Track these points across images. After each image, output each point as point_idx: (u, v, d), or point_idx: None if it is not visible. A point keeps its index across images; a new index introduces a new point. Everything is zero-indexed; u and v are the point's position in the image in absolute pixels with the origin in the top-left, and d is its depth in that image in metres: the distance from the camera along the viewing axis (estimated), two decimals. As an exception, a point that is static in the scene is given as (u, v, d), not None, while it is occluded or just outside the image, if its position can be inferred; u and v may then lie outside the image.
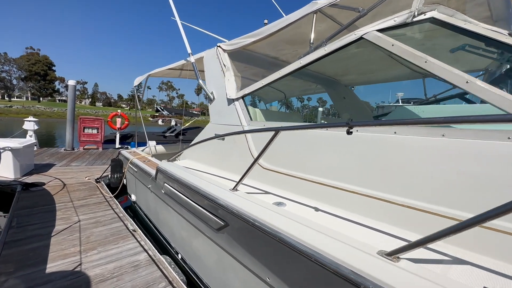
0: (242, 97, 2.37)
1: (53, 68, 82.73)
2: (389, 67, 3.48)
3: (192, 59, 2.93)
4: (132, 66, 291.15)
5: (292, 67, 1.99)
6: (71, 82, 8.58)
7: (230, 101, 2.44)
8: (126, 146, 10.33)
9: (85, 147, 9.02)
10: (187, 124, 12.08)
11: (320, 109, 14.57)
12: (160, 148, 5.64)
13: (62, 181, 5.20)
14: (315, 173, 1.61)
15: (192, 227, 2.46)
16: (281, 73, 2.04)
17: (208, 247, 2.24)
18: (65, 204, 4.04)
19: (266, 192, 1.81)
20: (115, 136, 10.01)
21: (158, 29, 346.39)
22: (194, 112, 17.23)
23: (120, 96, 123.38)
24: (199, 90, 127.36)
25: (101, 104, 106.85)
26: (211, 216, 1.88)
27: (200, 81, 2.80)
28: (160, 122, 10.75)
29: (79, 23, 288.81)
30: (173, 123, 11.04)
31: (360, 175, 1.40)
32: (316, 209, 1.47)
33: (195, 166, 2.66)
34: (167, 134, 11.05)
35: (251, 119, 2.27)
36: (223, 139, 2.44)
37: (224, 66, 2.66)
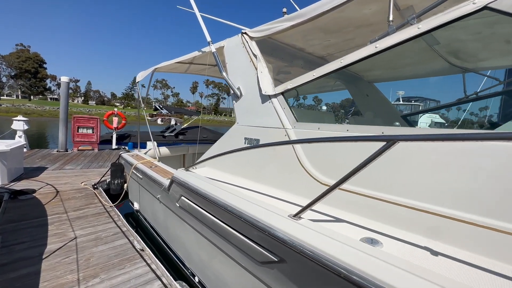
0: (283, 93, 1.92)
1: (44, 65, 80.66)
2: (427, 60, 3.08)
3: (212, 48, 2.47)
4: (127, 64, 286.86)
5: (361, 53, 1.53)
6: (64, 79, 7.99)
7: (265, 97, 1.99)
8: (123, 147, 9.78)
9: (79, 148, 8.45)
10: (186, 124, 11.58)
11: (324, 107, 14.22)
12: (164, 150, 5.15)
13: (55, 187, 4.68)
14: (417, 197, 1.18)
15: (217, 251, 2.01)
16: (344, 62, 1.59)
17: (241, 278, 1.79)
18: (59, 216, 3.53)
19: (338, 220, 1.35)
20: (112, 136, 9.44)
21: (154, 26, 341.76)
22: (189, 110, 16.71)
23: (113, 95, 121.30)
24: (194, 88, 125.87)
25: (94, 102, 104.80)
26: (258, 248, 1.44)
27: (224, 74, 2.34)
28: (159, 121, 10.21)
29: (71, 19, 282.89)
30: (172, 122, 10.52)
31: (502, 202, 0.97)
32: (434, 253, 1.03)
33: (217, 176, 2.20)
34: (166, 134, 10.51)
35: (296, 120, 1.82)
36: (257, 145, 1.98)
37: (254, 56, 2.20)
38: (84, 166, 6.53)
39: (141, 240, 3.01)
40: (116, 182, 4.42)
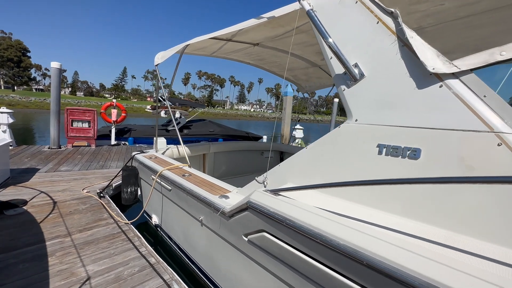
0: (473, 70, 1.13)
1: (28, 54, 76.52)
2: None
3: (305, 4, 1.61)
4: (115, 53, 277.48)
5: None
6: (54, 65, 6.89)
7: (429, 79, 1.17)
8: (123, 143, 8.81)
9: (74, 144, 7.44)
10: (191, 117, 10.64)
11: (336, 100, 13.44)
12: (182, 149, 4.27)
13: (50, 196, 3.77)
14: None
15: None
16: None
17: None
18: (60, 240, 2.67)
19: None
20: (110, 131, 8.42)
21: (145, 13, 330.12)
22: (194, 102, 15.67)
23: (102, 85, 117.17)
24: (186, 79, 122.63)
25: (82, 93, 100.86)
26: None
27: (330, 40, 1.49)
28: (162, 114, 9.25)
29: (56, 6, 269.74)
30: (177, 115, 9.56)
31: None
32: None
33: (331, 205, 1.39)
34: (170, 128, 9.55)
35: None
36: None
37: (389, 14, 1.38)
38: (83, 166, 5.59)
39: (180, 280, 2.20)
40: (129, 190, 3.56)
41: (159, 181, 2.87)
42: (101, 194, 3.95)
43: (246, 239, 1.74)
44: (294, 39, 2.95)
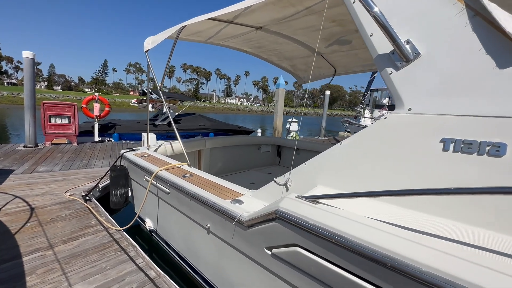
0: None
1: (-2, 45, 71.59)
2: None
3: None
4: (95, 45, 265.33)
5: None
6: (26, 54, 6.23)
7: None
8: (108, 139, 8.26)
9: (53, 142, 6.85)
10: (181, 111, 10.17)
11: (328, 92, 13.21)
12: (176, 146, 3.92)
13: (27, 202, 3.34)
14: None
15: None
16: None
17: None
18: (41, 254, 2.30)
19: None
20: (93, 127, 7.84)
21: (125, 3, 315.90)
22: (183, 96, 15.08)
23: (81, 79, 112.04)
24: (170, 73, 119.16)
25: (59, 88, 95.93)
26: None
27: (376, 9, 1.19)
28: (150, 107, 8.74)
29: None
30: (165, 109, 9.07)
31: None
32: None
33: (382, 212, 1.14)
34: (158, 123, 9.06)
35: None
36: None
37: None
38: (64, 166, 5.10)
39: (187, 297, 1.92)
40: (118, 192, 3.19)
41: (155, 182, 2.54)
42: (87, 197, 3.55)
43: (270, 252, 1.47)
44: (301, 22, 2.67)
